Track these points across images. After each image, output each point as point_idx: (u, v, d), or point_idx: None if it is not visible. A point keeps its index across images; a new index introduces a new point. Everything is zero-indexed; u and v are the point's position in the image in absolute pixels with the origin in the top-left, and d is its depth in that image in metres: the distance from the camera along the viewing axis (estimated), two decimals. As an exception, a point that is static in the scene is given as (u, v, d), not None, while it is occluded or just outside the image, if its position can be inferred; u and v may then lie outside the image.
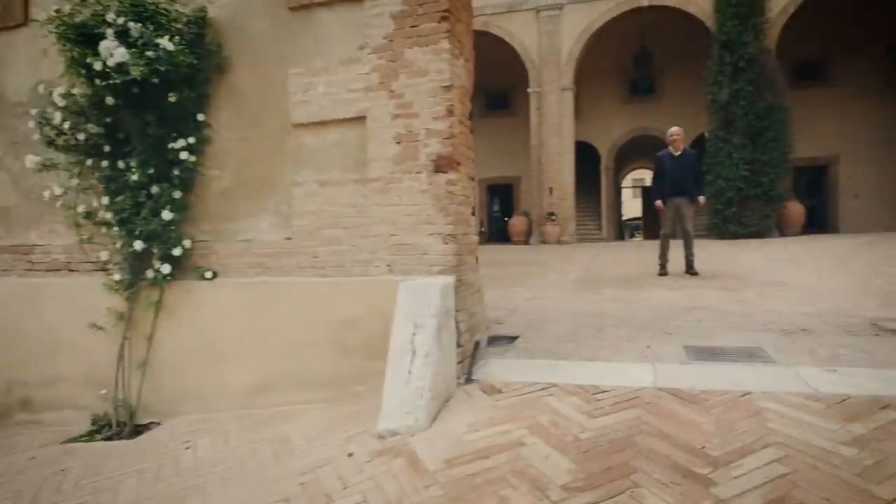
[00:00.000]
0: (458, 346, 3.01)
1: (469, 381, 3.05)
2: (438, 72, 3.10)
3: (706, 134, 15.88)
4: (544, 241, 16.94)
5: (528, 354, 3.63)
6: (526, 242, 17.62)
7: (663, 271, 7.90)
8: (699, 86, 16.16)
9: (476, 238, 3.51)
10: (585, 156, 20.12)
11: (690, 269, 7.75)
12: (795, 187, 16.48)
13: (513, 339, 4.18)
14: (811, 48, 17.58)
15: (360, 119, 3.28)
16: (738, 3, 15.00)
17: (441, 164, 3.11)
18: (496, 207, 23.74)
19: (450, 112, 3.10)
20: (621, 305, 5.59)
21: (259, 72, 3.58)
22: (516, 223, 17.97)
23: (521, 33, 17.19)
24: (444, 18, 3.09)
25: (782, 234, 15.14)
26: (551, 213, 16.82)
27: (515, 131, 20.30)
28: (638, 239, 29.27)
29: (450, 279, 3.01)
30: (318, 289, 3.38)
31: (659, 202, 7.85)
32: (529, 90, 17.35)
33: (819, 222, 18.06)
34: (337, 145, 3.37)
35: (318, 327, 3.37)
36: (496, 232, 22.90)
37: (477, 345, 3.22)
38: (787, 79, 15.81)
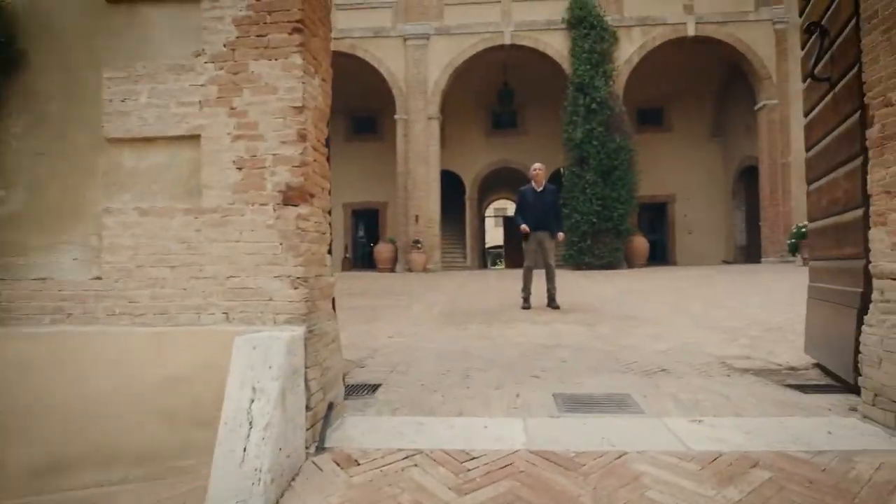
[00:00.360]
0: (308, 408, 2.56)
1: (321, 450, 2.60)
2: (289, 90, 2.68)
3: (562, 170, 16.79)
4: (410, 269, 16.76)
5: (390, 409, 3.26)
6: (392, 270, 17.33)
7: (526, 304, 7.95)
8: (557, 123, 17.09)
9: (332, 280, 3.09)
10: (451, 185, 20.40)
11: (552, 303, 7.87)
12: (640, 223, 17.91)
13: (374, 388, 3.79)
14: (652, 96, 19.39)
15: (193, 138, 2.75)
16: (590, 50, 16.13)
17: (291, 196, 2.67)
18: (361, 233, 23.28)
19: (302, 137, 2.68)
20: (487, 343, 5.43)
21: (65, 72, 2.91)
22: (382, 250, 17.63)
23: (388, 59, 17.11)
24: (296, 30, 2.69)
25: (630, 265, 16.29)
26: (417, 241, 16.71)
27: (382, 156, 20.10)
28: (500, 267, 30.26)
29: (299, 330, 2.56)
30: (135, 341, 2.75)
31: (524, 225, 7.87)
32: (397, 117, 17.25)
33: (660, 255, 19.78)
34: (164, 168, 2.80)
35: (133, 388, 2.74)
36: (361, 258, 22.42)
37: (331, 405, 2.78)
38: (632, 122, 17.23)
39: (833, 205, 3.68)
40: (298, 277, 2.65)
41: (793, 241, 14.13)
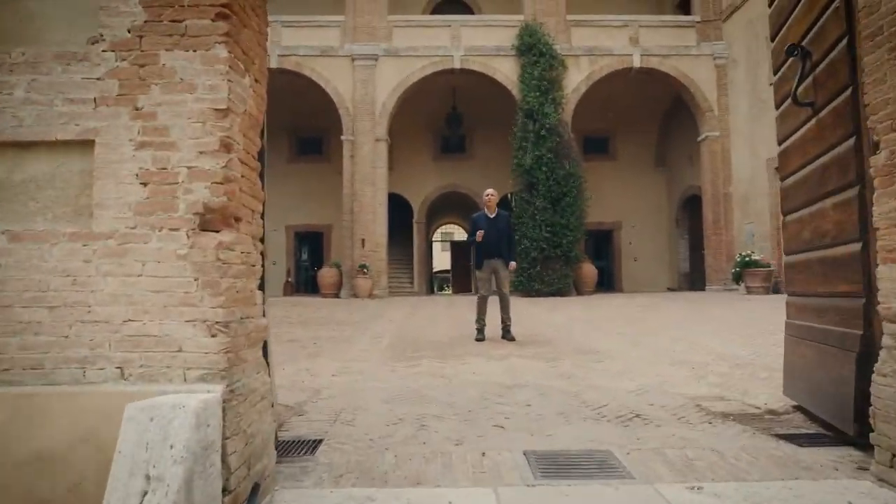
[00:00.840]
0: (227, 491, 1.99)
1: (241, 543, 2.03)
2: (211, 88, 2.16)
3: (509, 195, 16.61)
4: (356, 295, 16.08)
5: (333, 477, 2.70)
6: (336, 295, 16.59)
7: (480, 336, 7.52)
8: (506, 148, 16.97)
9: (264, 323, 2.53)
10: (398, 208, 19.94)
11: (507, 334, 7.47)
12: (586, 249, 17.89)
13: (315, 444, 3.22)
14: (599, 125, 19.63)
15: (84, 144, 2.17)
16: (539, 77, 16.14)
17: (210, 219, 2.13)
18: (305, 256, 22.41)
19: (226, 146, 2.15)
20: (441, 383, 4.93)
21: (-82, 58, 2.28)
22: (326, 275, 16.89)
23: (335, 79, 16.61)
24: (221, 16, 2.18)
25: (579, 292, 16.17)
26: (363, 266, 16.08)
27: (328, 178, 19.45)
28: (447, 292, 29.88)
29: (216, 391, 2.00)
30: (-2, 404, 2.11)
31: (480, 231, 7.44)
32: (343, 138, 16.71)
33: (607, 282, 19.84)
34: (46, 181, 2.20)
35: (-7, 466, 2.09)
36: (305, 282, 21.56)
37: (256, 485, 2.21)
38: (579, 150, 17.30)
39: (819, 237, 3.42)
40: (218, 322, 2.09)
41: (736, 270, 14.33)
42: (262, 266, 2.59)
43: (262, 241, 2.58)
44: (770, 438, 3.20)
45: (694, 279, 18.77)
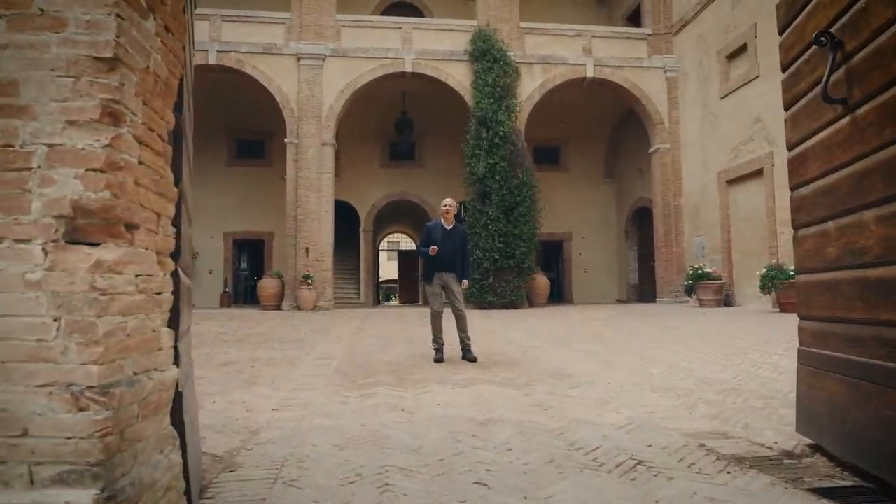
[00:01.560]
0: None
1: None
2: (89, 27, 1.42)
3: (458, 204, 16.06)
4: (299, 307, 15.12)
5: (271, 581, 1.97)
6: (278, 307, 15.59)
7: (439, 356, 6.86)
8: (456, 156, 16.45)
9: (174, 374, 1.78)
10: (345, 216, 19.07)
11: (468, 354, 6.85)
12: (537, 260, 17.55)
13: (248, 518, 2.47)
14: (550, 135, 19.42)
15: None
16: (493, 84, 15.73)
17: (84, 227, 1.38)
18: (244, 265, 21.16)
19: (113, 116, 1.42)
20: (403, 419, 4.23)
21: None
22: (267, 285, 15.84)
23: (279, 78, 15.66)
24: (110, -82, 1.45)
25: (531, 304, 15.77)
26: (307, 276, 15.14)
27: (270, 183, 18.41)
28: (394, 302, 29.10)
29: (80, 501, 1.25)
30: None
31: (434, 247, 6.81)
32: (287, 140, 15.77)
33: (557, 293, 19.55)
34: None
35: None
36: (244, 293, 20.34)
37: None
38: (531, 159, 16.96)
39: (853, 255, 2.94)
40: (91, 387, 1.34)
41: (689, 282, 14.25)
42: (176, 293, 1.84)
43: (174, 257, 1.83)
44: (809, 496, 2.67)
45: (643, 291, 18.73)
